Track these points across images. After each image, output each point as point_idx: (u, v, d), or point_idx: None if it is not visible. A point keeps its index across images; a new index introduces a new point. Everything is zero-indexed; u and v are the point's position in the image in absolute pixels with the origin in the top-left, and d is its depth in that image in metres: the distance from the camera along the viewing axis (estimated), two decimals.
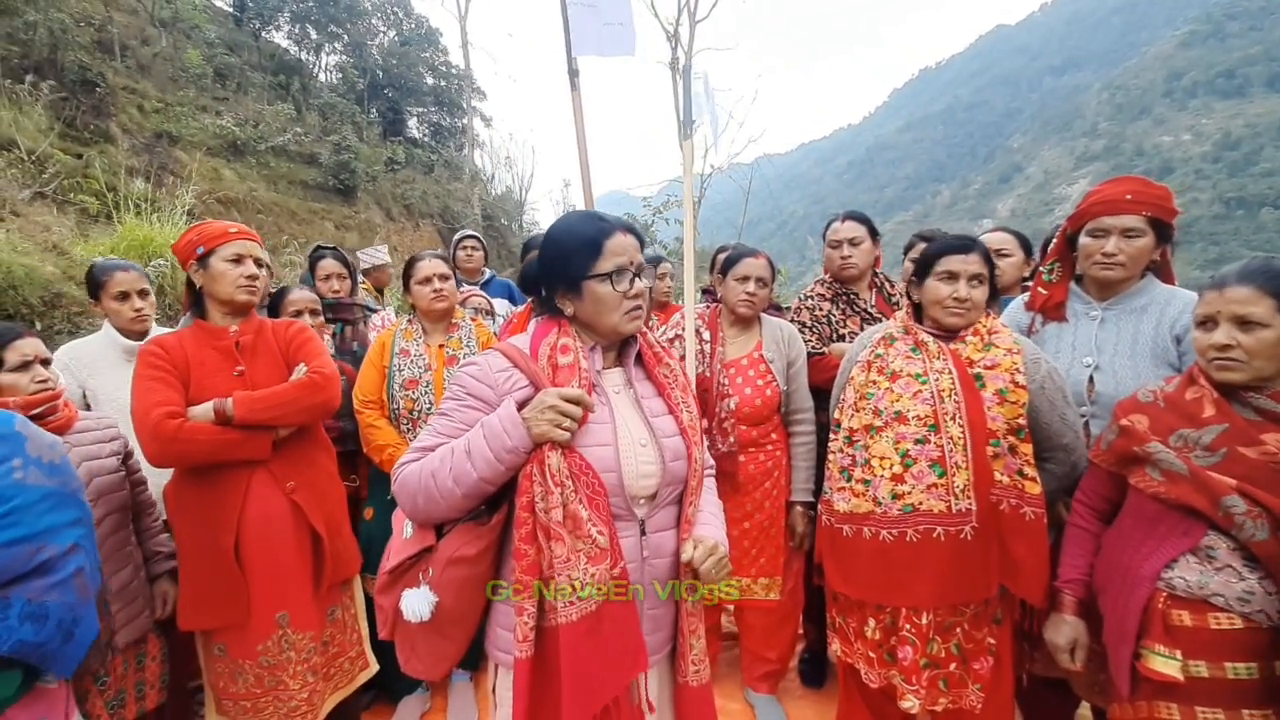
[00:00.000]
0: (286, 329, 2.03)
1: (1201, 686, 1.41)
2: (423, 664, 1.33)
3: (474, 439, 1.20)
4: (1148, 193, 1.81)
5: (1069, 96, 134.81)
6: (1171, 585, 1.45)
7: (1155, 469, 1.49)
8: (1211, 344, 1.42)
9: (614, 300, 1.27)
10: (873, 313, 2.56)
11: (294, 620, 1.87)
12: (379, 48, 16.81)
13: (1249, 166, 76.39)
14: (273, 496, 1.85)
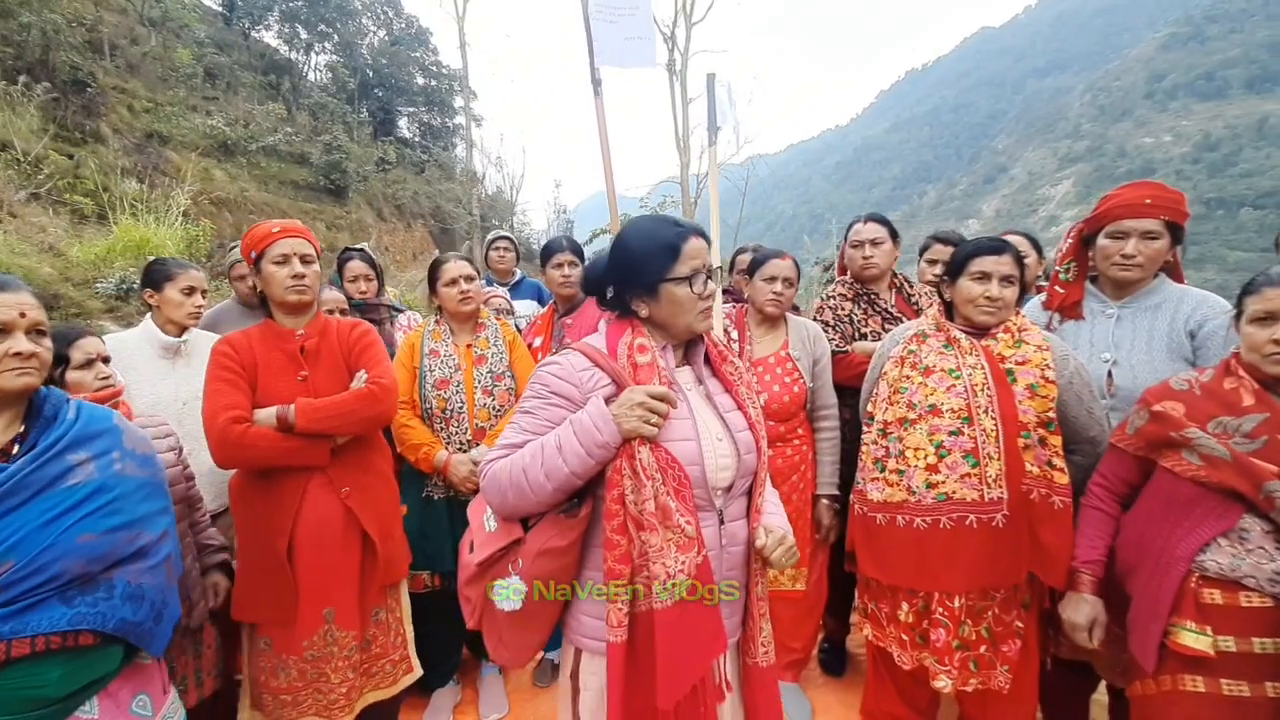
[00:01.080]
0: (350, 331, 2.04)
1: (1228, 660, 1.48)
2: (509, 651, 1.38)
3: (564, 435, 1.25)
4: (1165, 197, 1.90)
5: (1052, 98, 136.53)
6: (1204, 567, 1.53)
7: (1193, 453, 1.55)
8: (1273, 339, 1.47)
9: (691, 302, 1.32)
10: (893, 312, 2.63)
11: (339, 617, 1.91)
12: (369, 47, 16.78)
13: (1228, 167, 77.76)
14: (328, 501, 1.88)
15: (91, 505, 1.12)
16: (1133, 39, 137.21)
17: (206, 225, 7.99)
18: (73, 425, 1.16)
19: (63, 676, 1.11)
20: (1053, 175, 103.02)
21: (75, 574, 1.10)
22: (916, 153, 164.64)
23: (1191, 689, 1.52)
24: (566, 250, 2.86)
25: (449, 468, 2.34)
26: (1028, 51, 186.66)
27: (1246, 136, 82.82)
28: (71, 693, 1.13)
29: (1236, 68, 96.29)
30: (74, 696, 1.14)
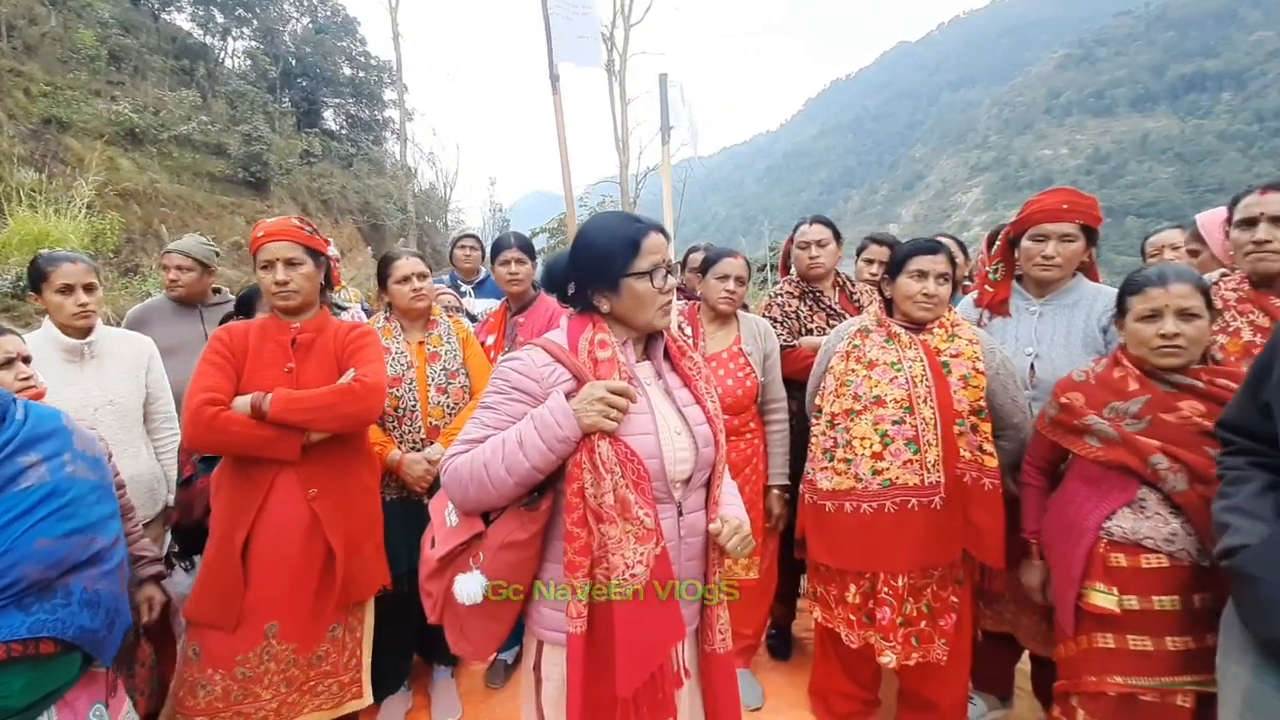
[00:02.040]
0: (349, 331, 2.01)
1: (1133, 618, 1.65)
2: (472, 644, 1.39)
3: (525, 430, 1.26)
4: (1080, 203, 2.09)
5: (963, 111, 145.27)
6: (1110, 532, 1.70)
7: (1094, 437, 1.75)
8: (1159, 334, 1.66)
9: (651, 296, 1.35)
10: (836, 308, 2.76)
11: (282, 631, 1.83)
12: (292, 35, 15.99)
13: (1116, 179, 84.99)
14: (292, 501, 1.82)
15: (46, 509, 1.07)
16: (1033, 58, 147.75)
17: (113, 218, 7.41)
18: (22, 426, 1.10)
19: (25, 686, 1.06)
20: (964, 183, 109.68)
21: (33, 580, 1.04)
22: (842, 159, 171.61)
23: (1103, 646, 1.69)
24: (514, 247, 2.84)
25: (402, 467, 2.29)
26: (941, 66, 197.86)
27: (1131, 151, 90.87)
28: (32, 703, 1.08)
29: (1122, 87, 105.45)
30: (34, 706, 1.09)
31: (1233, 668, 1.34)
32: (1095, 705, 1.69)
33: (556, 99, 2.41)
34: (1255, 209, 1.84)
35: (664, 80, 2.61)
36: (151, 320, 3.05)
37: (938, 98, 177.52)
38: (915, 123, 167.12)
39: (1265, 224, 1.82)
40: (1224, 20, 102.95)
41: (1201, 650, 1.58)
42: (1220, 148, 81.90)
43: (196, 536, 2.07)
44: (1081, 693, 1.72)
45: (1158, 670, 1.62)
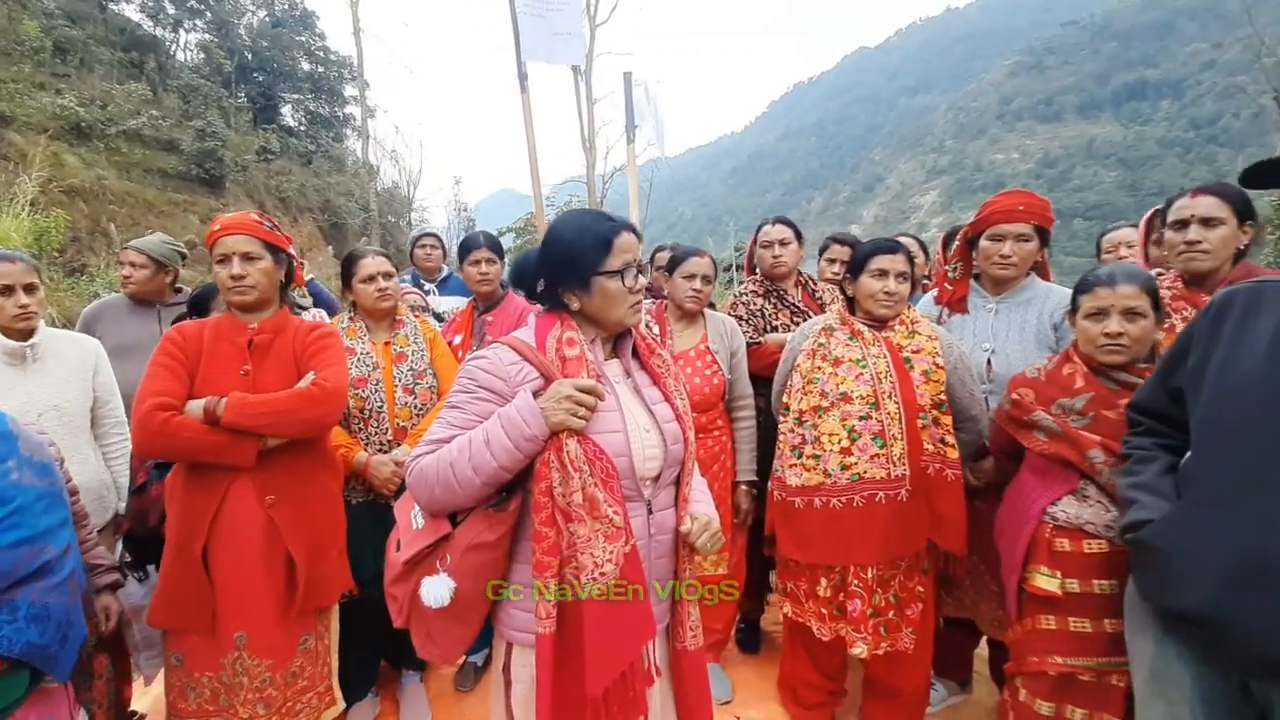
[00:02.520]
0: (310, 332, 1.94)
1: (1074, 601, 1.72)
2: (439, 648, 1.38)
3: (492, 429, 1.25)
4: (1035, 204, 2.17)
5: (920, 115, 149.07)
6: (1055, 517, 1.77)
7: (1041, 432, 1.82)
8: (1105, 332, 1.73)
9: (622, 295, 1.35)
10: (800, 306, 2.81)
11: (251, 644, 1.78)
12: (248, 28, 15.51)
13: (1064, 183, 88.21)
14: (249, 508, 1.77)
15: None
16: (986, 65, 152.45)
17: (59, 216, 7.09)
18: None
19: None
20: (921, 186, 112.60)
21: None
22: (804, 161, 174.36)
23: (1045, 627, 1.76)
24: (484, 247, 2.82)
25: (369, 469, 2.25)
26: (899, 71, 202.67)
27: (1078, 156, 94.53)
28: None
29: (1070, 95, 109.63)
30: None
31: (1138, 643, 1.42)
32: (1037, 685, 1.76)
33: (525, 98, 2.40)
34: (1186, 211, 1.94)
35: (628, 79, 2.62)
36: (105, 318, 2.94)
37: (896, 102, 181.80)
38: (875, 126, 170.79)
39: (1196, 225, 1.91)
40: (1163, 32, 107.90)
41: None
42: (1160, 153, 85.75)
43: (151, 545, 2.00)
44: (1025, 672, 1.80)
45: (1095, 651, 1.69)
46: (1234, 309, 1.32)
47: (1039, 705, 1.75)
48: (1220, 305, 1.35)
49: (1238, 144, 65.30)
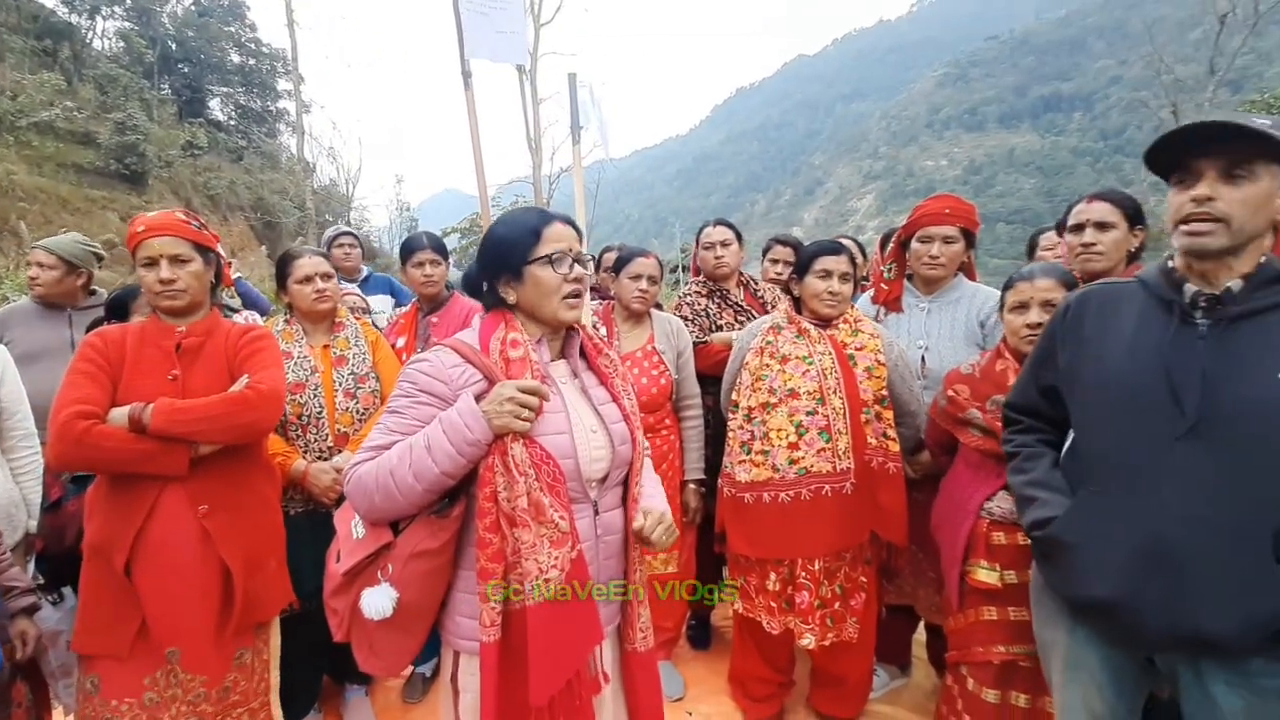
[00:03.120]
0: (242, 335, 1.84)
1: (1012, 591, 1.82)
2: (383, 660, 1.33)
3: (433, 434, 1.22)
4: (960, 208, 2.29)
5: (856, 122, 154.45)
6: (991, 513, 1.86)
7: (974, 428, 1.91)
8: (1026, 323, 1.84)
9: (554, 283, 1.31)
10: (743, 306, 2.87)
11: (185, 659, 1.69)
12: (171, 16, 14.65)
13: (988, 188, 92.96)
14: (181, 520, 1.67)
15: None
16: (916, 75, 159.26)
17: None
18: None
19: None
20: (859, 190, 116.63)
21: None
22: (747, 164, 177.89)
23: (987, 618, 1.85)
24: (428, 248, 2.75)
25: (308, 478, 2.16)
26: (836, 79, 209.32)
27: (1000, 164, 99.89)
28: None
29: (992, 106, 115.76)
30: None
31: (1049, 634, 1.51)
32: (982, 673, 1.85)
33: (469, 96, 2.37)
34: (1083, 216, 2.08)
35: (573, 80, 2.62)
36: (12, 324, 2.74)
37: (833, 109, 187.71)
38: (814, 131, 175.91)
39: (1091, 229, 2.04)
40: (1075, 48, 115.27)
41: None
42: (1073, 162, 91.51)
43: (66, 565, 1.87)
44: (970, 662, 1.88)
45: (1034, 638, 1.79)
46: (1090, 309, 1.43)
47: (986, 694, 1.84)
48: (1076, 306, 1.46)
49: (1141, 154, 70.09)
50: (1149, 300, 1.36)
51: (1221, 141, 1.22)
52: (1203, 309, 1.27)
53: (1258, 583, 1.17)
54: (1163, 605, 1.23)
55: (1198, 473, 1.22)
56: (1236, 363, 1.23)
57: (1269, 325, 1.23)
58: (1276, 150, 1.18)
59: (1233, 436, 1.21)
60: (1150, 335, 1.32)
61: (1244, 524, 1.19)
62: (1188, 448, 1.23)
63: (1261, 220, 1.22)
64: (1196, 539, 1.21)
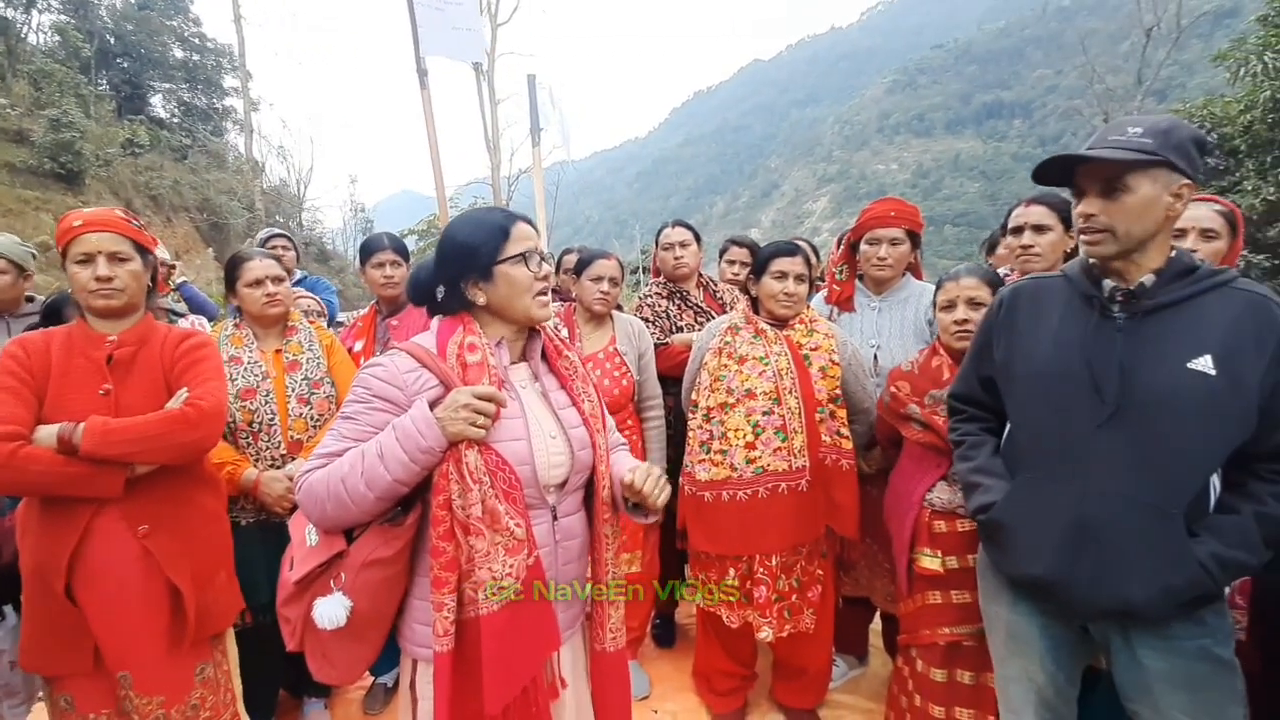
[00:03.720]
0: (180, 342, 1.74)
1: (954, 576, 1.91)
2: (337, 670, 1.31)
3: (386, 441, 1.20)
4: (905, 210, 2.38)
5: (811, 126, 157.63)
6: (931, 503, 1.95)
7: (915, 423, 2.00)
8: (954, 320, 1.94)
9: (527, 281, 1.31)
10: (702, 306, 2.91)
11: (137, 683, 1.63)
12: (109, 9, 13.94)
13: (935, 192, 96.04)
14: (120, 541, 1.59)
15: None
16: (867, 81, 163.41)
17: None
18: None
19: None
20: (814, 192, 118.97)
21: None
22: (706, 167, 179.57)
23: (933, 602, 1.94)
24: (388, 249, 2.71)
25: (259, 486, 2.11)
26: (790, 84, 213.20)
27: (947, 168, 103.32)
28: None
29: (939, 112, 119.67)
30: None
31: (993, 608, 1.61)
32: (929, 654, 1.94)
33: (425, 95, 2.33)
34: (1021, 219, 2.19)
35: (532, 81, 2.62)
36: None
37: (789, 114, 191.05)
38: (770, 135, 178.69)
39: (1029, 231, 2.15)
40: (1014, 58, 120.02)
41: None
42: (1014, 167, 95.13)
43: (6, 584, 1.78)
44: (918, 644, 1.97)
45: (976, 618, 1.84)
46: (1022, 303, 1.53)
47: (934, 673, 1.92)
48: (1009, 300, 1.56)
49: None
50: (1073, 295, 1.45)
51: (1092, 162, 1.32)
52: (1120, 303, 1.36)
53: (1172, 557, 1.28)
54: (1092, 580, 1.34)
55: (1118, 457, 1.32)
56: (1150, 353, 1.32)
57: (1180, 316, 1.32)
58: (1142, 163, 1.27)
59: (1146, 422, 1.30)
60: (1074, 329, 1.41)
61: (1159, 504, 1.29)
62: (1109, 434, 1.33)
63: (1149, 223, 1.32)
64: (1119, 518, 1.32)
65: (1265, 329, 1.27)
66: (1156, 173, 1.29)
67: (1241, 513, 1.30)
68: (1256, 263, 8.97)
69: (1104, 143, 1.32)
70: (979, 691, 1.88)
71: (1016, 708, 1.56)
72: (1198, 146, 1.32)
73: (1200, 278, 1.33)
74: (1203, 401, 1.27)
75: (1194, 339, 1.29)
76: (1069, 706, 1.54)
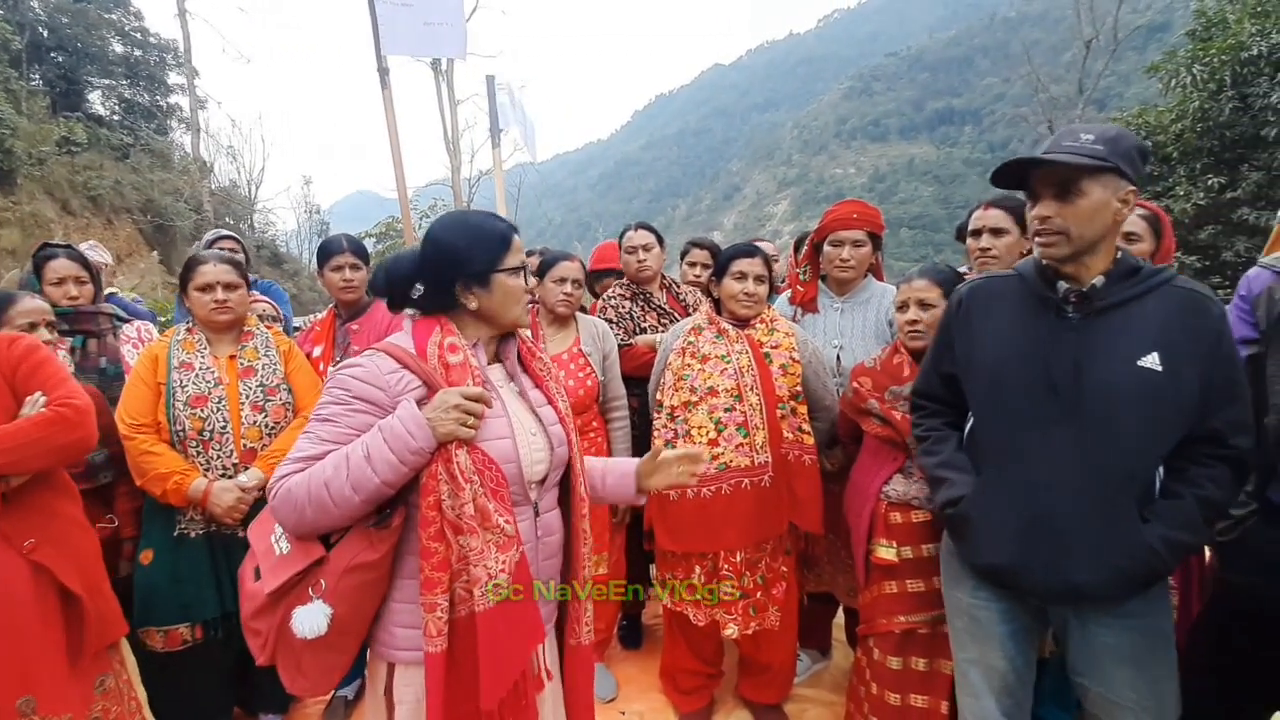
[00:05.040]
0: (9, 348, 1.67)
1: (908, 565, 1.96)
2: (310, 680, 1.28)
3: (373, 443, 1.19)
4: (866, 213, 2.44)
5: (770, 131, 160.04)
6: (888, 495, 2.00)
7: (874, 417, 2.05)
8: (906, 320, 2.01)
9: (520, 293, 1.35)
10: (665, 308, 2.93)
11: (42, 705, 1.57)
12: (42, 1, 13.23)
13: (891, 196, 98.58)
14: (6, 561, 1.54)
15: None
16: (824, 87, 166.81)
17: None
18: None
19: None
20: (774, 196, 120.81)
21: None
22: (668, 170, 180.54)
23: (889, 592, 1.99)
24: (347, 251, 2.64)
25: (209, 497, 2.04)
26: (750, 89, 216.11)
27: (902, 173, 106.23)
28: None
29: (893, 118, 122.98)
30: None
31: (955, 594, 1.67)
32: (886, 644, 2.00)
33: (386, 94, 2.29)
34: (979, 222, 2.27)
35: (491, 82, 2.60)
36: None
37: (749, 118, 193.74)
38: (730, 139, 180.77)
39: (987, 235, 2.23)
40: (964, 66, 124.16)
41: None
42: (965, 172, 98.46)
43: None
44: (875, 633, 2.02)
45: (929, 607, 1.93)
46: (978, 303, 1.60)
47: (890, 661, 1.98)
48: (967, 299, 1.63)
49: None
50: (1027, 294, 1.51)
51: (1049, 166, 1.38)
52: (1073, 304, 1.43)
53: (1125, 543, 1.35)
54: (1046, 567, 1.41)
55: (1072, 450, 1.39)
56: (1102, 350, 1.39)
57: (1129, 316, 1.40)
58: (1094, 168, 1.34)
59: (1098, 417, 1.37)
60: (1029, 328, 1.48)
61: (1110, 494, 1.37)
62: (1063, 429, 1.40)
63: (1099, 226, 1.38)
64: (1073, 509, 1.38)
65: (1201, 323, 1.35)
66: (1106, 178, 1.35)
67: (1184, 497, 1.37)
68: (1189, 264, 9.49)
69: (1058, 148, 1.38)
70: (931, 678, 1.95)
71: (976, 691, 1.61)
72: (1141, 155, 1.39)
73: (1144, 278, 1.40)
74: (1151, 397, 1.34)
75: (1141, 337, 1.36)
76: (1025, 690, 1.60)
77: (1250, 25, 8.69)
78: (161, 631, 2.07)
